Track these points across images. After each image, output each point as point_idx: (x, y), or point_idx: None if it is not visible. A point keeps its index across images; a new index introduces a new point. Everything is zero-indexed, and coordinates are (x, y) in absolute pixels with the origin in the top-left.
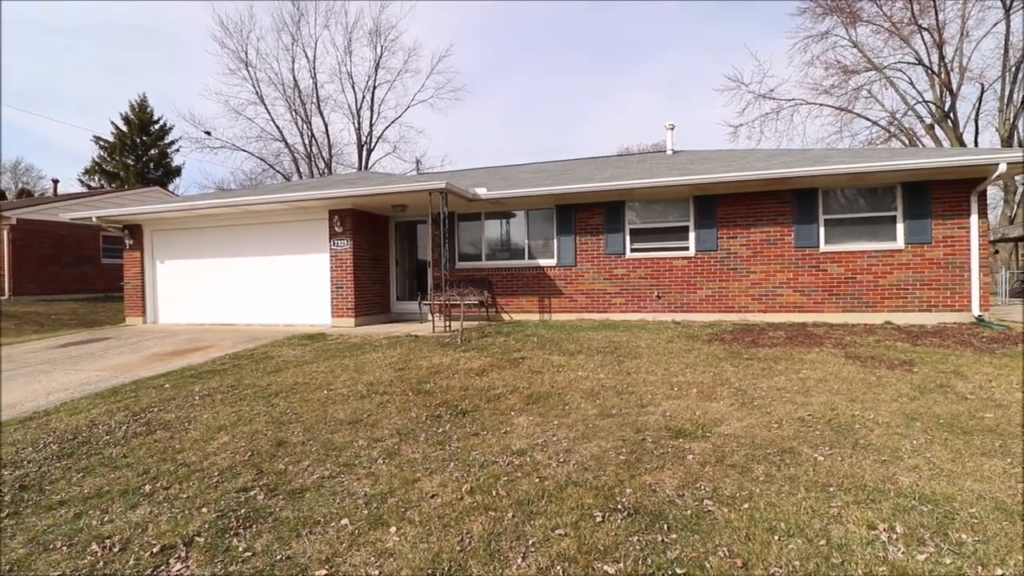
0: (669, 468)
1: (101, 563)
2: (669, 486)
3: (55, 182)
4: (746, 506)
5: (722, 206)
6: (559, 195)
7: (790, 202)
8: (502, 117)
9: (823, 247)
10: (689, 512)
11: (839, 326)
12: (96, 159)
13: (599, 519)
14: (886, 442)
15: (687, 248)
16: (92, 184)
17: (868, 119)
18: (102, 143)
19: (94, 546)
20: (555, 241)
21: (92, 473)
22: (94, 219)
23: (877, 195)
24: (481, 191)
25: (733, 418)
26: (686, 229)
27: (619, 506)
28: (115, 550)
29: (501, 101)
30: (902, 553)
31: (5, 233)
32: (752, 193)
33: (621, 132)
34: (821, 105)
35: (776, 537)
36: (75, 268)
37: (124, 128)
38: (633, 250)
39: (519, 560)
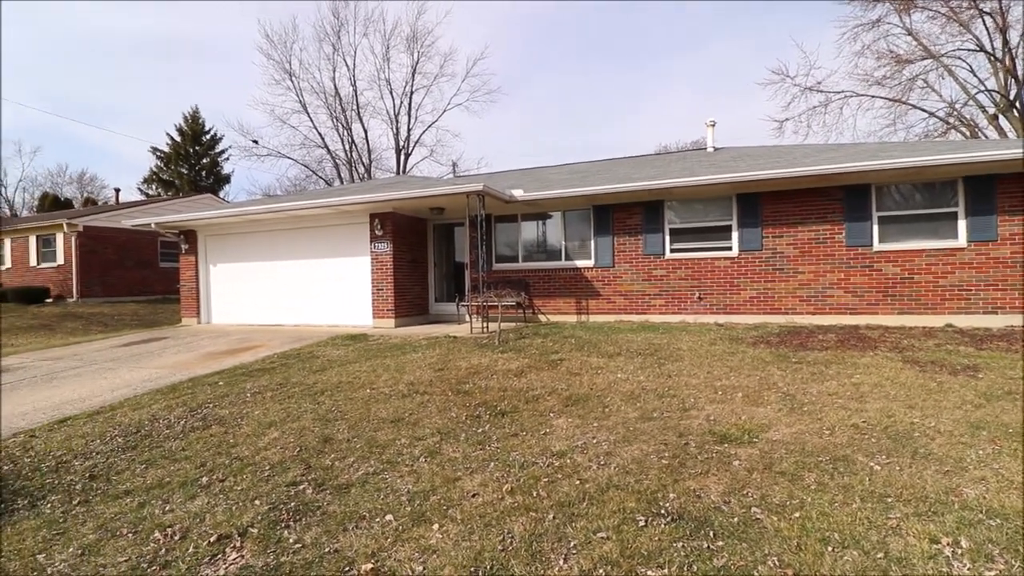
0: (714, 474)
1: (163, 550)
2: (714, 492)
3: (117, 191)
4: (797, 515)
5: (767, 204)
6: (596, 195)
7: (841, 199)
8: (537, 118)
9: (877, 246)
10: (736, 519)
11: (895, 329)
12: (153, 168)
13: (642, 523)
14: (949, 452)
15: (730, 248)
16: (150, 192)
17: (924, 110)
18: (159, 153)
19: (156, 534)
20: (592, 242)
21: (154, 465)
22: (152, 225)
23: (935, 190)
24: (518, 193)
25: (781, 424)
26: (728, 228)
27: (662, 511)
28: (176, 538)
29: (536, 102)
30: (968, 569)
31: (73, 239)
32: (800, 190)
33: (658, 131)
34: (873, 97)
35: (830, 548)
36: (136, 271)
37: (178, 139)
38: (673, 250)
39: (561, 562)
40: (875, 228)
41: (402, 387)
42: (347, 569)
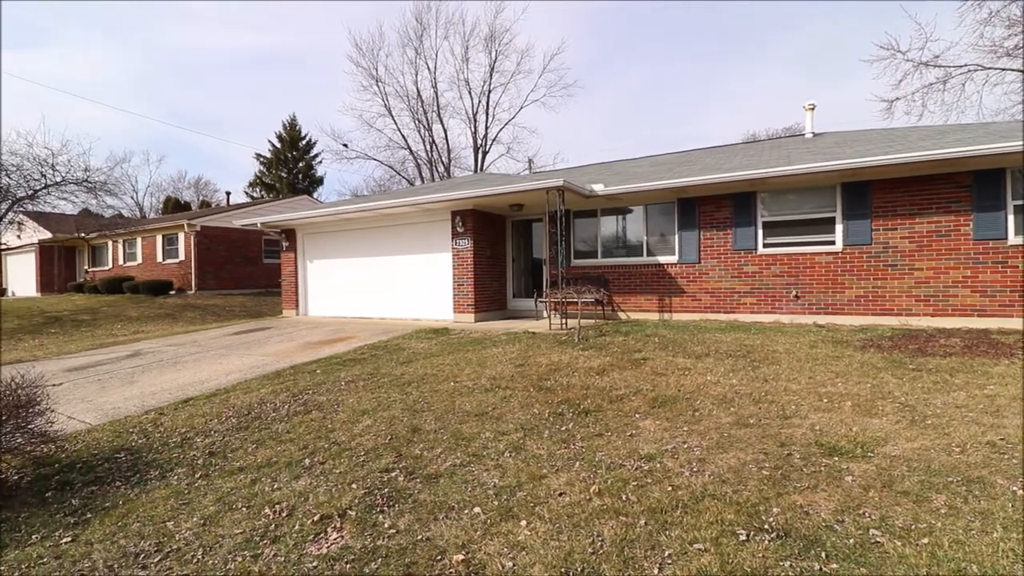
0: (823, 489)
1: (273, 525)
2: (825, 509)
3: (228, 194)
4: (925, 541)
5: (878, 193)
6: (681, 188)
7: (968, 186)
8: (615, 111)
9: (1012, 239)
10: (852, 541)
11: None
12: (257, 173)
13: (743, 537)
14: None
15: (833, 242)
16: (254, 195)
17: None
18: (261, 159)
19: (267, 510)
20: (676, 237)
21: (263, 445)
22: (259, 225)
23: None
24: (598, 187)
25: (901, 438)
26: (831, 220)
27: (765, 526)
28: (283, 515)
29: (613, 95)
30: None
31: (192, 238)
32: (917, 177)
33: (745, 119)
34: (1003, 70)
35: None
36: (243, 267)
37: (278, 145)
38: (766, 245)
39: (655, 571)
40: (1011, 219)
41: (484, 381)
42: (439, 558)
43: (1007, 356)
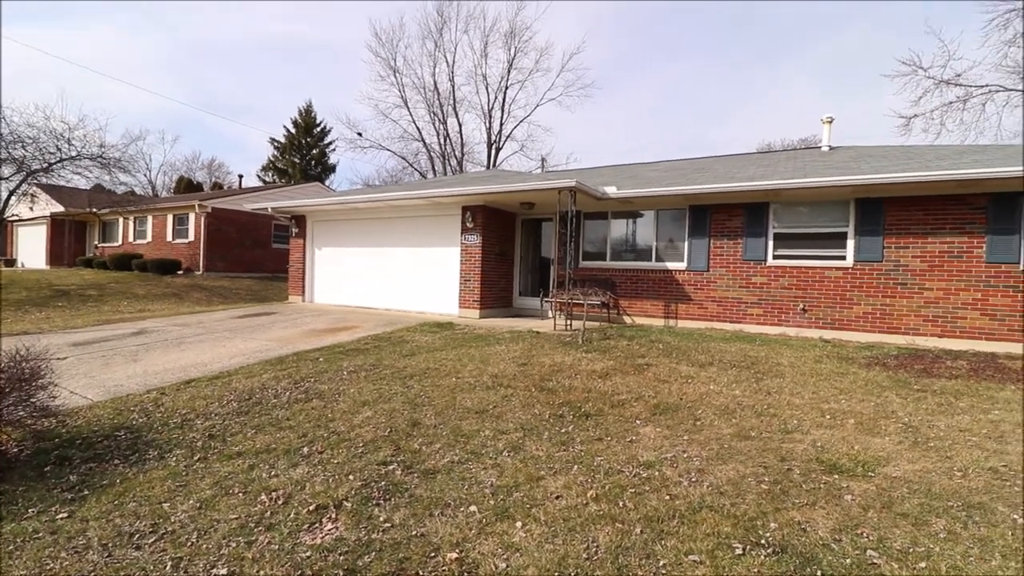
0: (822, 506)
1: (268, 512)
2: (823, 527)
3: (240, 177)
4: (923, 565)
5: (891, 210)
6: (694, 195)
7: (983, 208)
8: (631, 114)
9: None
10: (849, 561)
11: None
12: (271, 157)
13: (739, 551)
14: None
15: (843, 257)
16: (266, 179)
17: None
18: (276, 144)
19: (263, 496)
20: (686, 243)
21: (262, 431)
22: (269, 209)
23: None
24: (611, 190)
25: (902, 459)
26: (843, 235)
27: (762, 540)
28: (279, 502)
29: (630, 98)
30: None
31: (203, 219)
32: (932, 196)
33: (763, 129)
34: None
35: None
36: (252, 251)
37: (293, 131)
38: (776, 257)
39: None
40: None
41: (486, 379)
42: (432, 555)
43: (1013, 381)
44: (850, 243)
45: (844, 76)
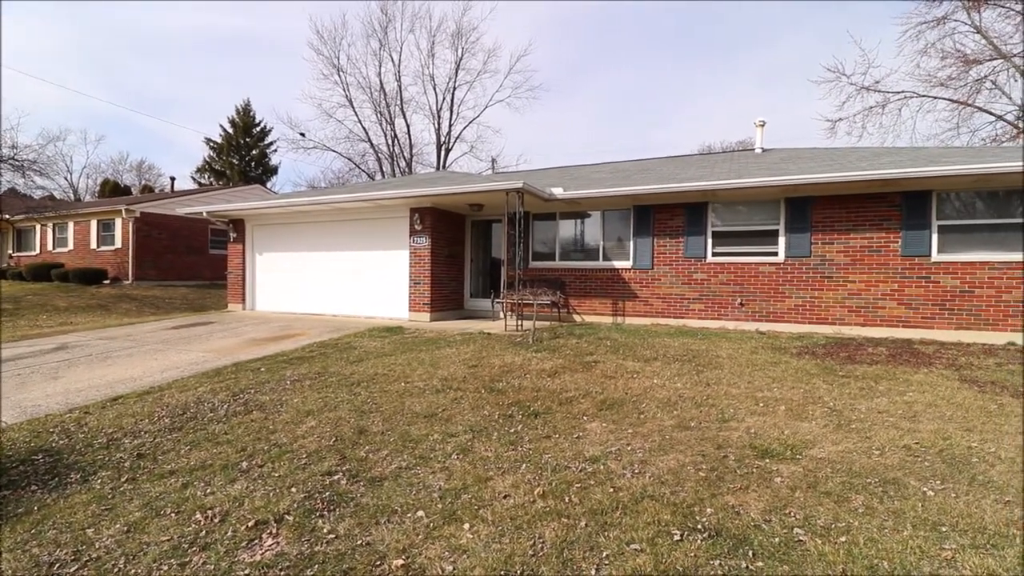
0: (754, 490)
1: (204, 532)
2: (754, 509)
3: (172, 179)
4: (843, 539)
5: (817, 209)
6: (638, 196)
7: (898, 206)
8: (579, 117)
9: (935, 256)
10: (777, 540)
11: (951, 345)
12: (206, 158)
13: (677, 537)
14: (1011, 480)
15: (776, 253)
16: (202, 181)
17: (992, 113)
18: (212, 144)
19: (198, 515)
20: (631, 243)
21: (198, 447)
22: (204, 214)
23: (1001, 199)
24: (557, 191)
25: (827, 441)
26: (775, 233)
27: (699, 526)
28: (216, 521)
29: (579, 101)
30: None
31: (131, 225)
32: (853, 196)
33: (704, 131)
34: (935, 98)
35: None
36: (187, 257)
37: (230, 130)
38: (715, 254)
39: (592, 572)
40: (934, 238)
41: (436, 382)
42: (378, 563)
43: (926, 365)
44: (781, 240)
45: (777, 82)
